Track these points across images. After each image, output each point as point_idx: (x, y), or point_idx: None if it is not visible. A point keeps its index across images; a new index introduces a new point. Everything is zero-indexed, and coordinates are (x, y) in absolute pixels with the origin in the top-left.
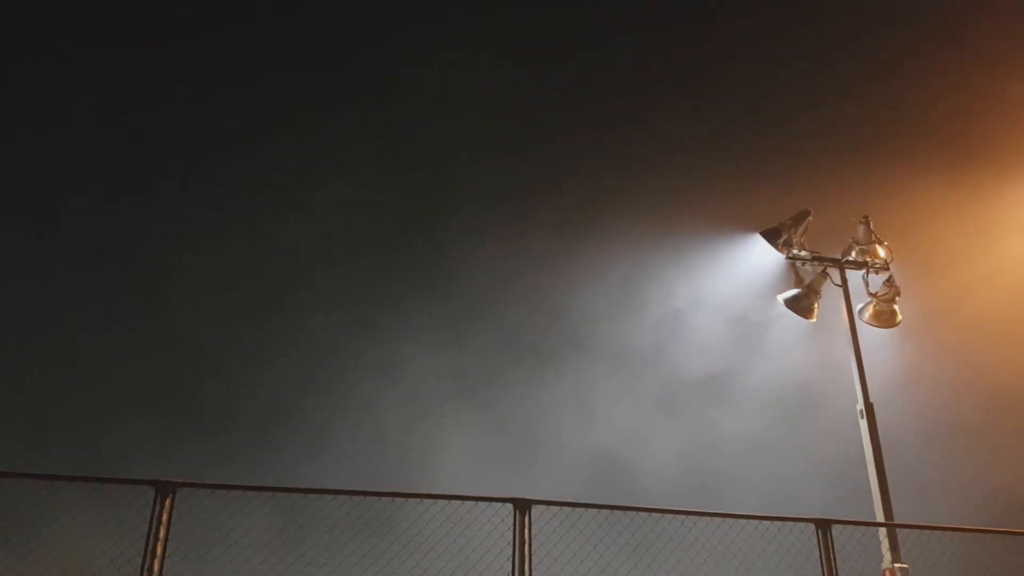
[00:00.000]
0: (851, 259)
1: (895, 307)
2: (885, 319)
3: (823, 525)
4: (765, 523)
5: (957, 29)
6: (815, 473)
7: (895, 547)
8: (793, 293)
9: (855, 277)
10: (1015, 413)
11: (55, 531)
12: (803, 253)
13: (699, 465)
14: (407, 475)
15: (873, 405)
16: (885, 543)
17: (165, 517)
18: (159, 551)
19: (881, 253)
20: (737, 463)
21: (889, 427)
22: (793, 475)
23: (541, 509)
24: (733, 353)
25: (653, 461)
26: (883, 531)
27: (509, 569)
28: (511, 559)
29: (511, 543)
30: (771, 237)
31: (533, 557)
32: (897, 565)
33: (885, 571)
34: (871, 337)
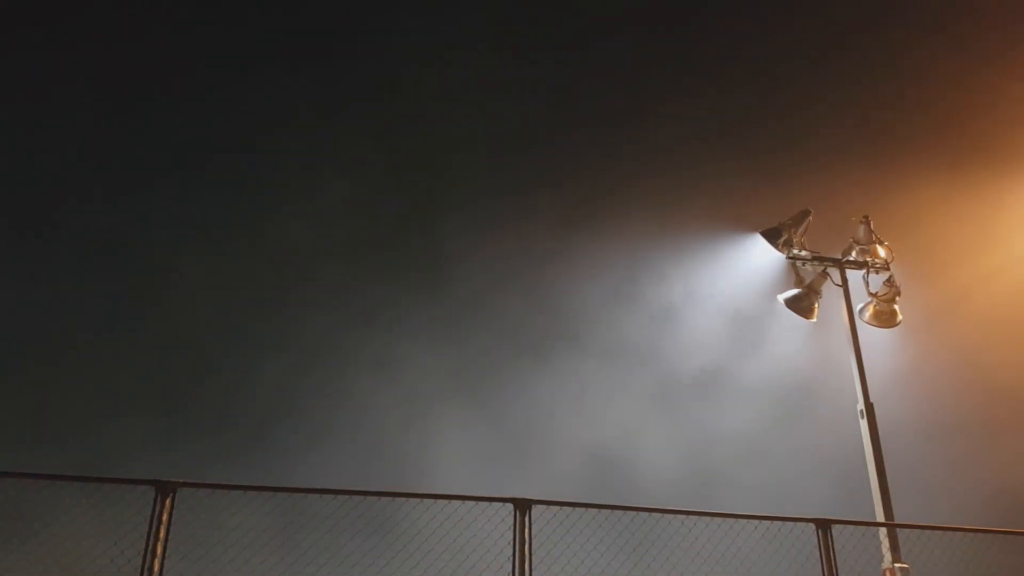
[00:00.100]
0: (851, 259)
1: (895, 307)
2: (885, 319)
3: (823, 525)
4: (765, 523)
5: (956, 26)
6: (815, 473)
7: (895, 547)
8: (793, 293)
9: (855, 277)
10: (1017, 413)
11: (55, 531)
12: (803, 253)
13: (699, 464)
14: (405, 473)
15: (873, 405)
16: (885, 543)
17: (165, 517)
18: (159, 551)
19: (881, 253)
20: (737, 463)
21: (890, 427)
22: (793, 475)
23: (541, 509)
24: (733, 353)
25: (653, 460)
26: (883, 531)
27: (509, 569)
28: (511, 559)
29: (511, 543)
30: (771, 237)
31: (533, 557)
32: (897, 565)
33: (885, 571)
34: (872, 337)
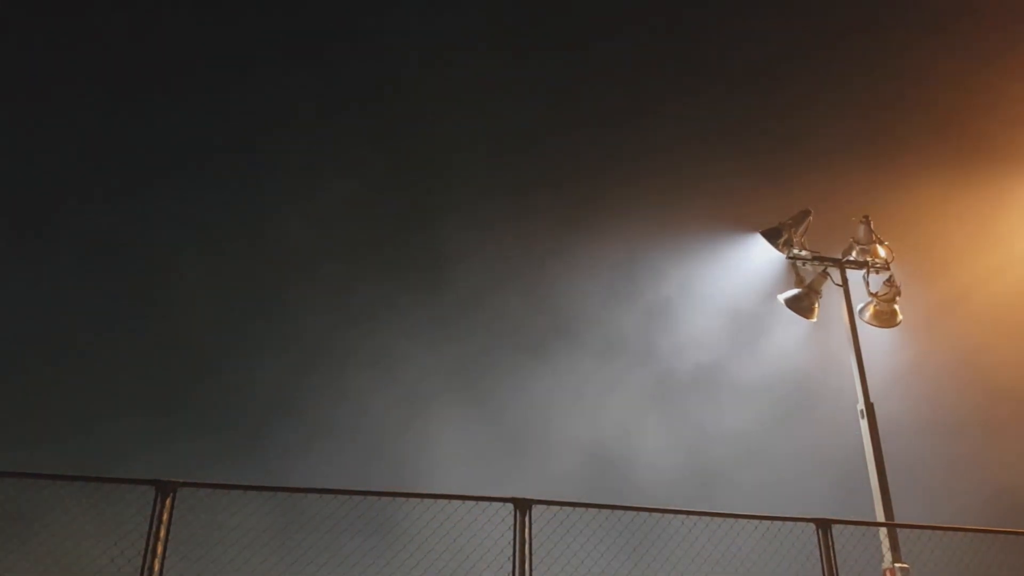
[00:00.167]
0: (852, 259)
1: (895, 307)
2: (886, 319)
3: (823, 525)
4: (765, 523)
5: (956, 26)
6: (815, 473)
7: (895, 547)
8: (793, 293)
9: (856, 277)
10: (1017, 413)
11: (55, 531)
12: (803, 253)
13: (699, 464)
14: (405, 471)
15: (873, 405)
16: (885, 543)
17: (166, 517)
18: (159, 551)
19: (881, 253)
20: (737, 462)
21: (890, 427)
22: (793, 475)
23: (541, 509)
24: (733, 353)
25: (652, 460)
26: (883, 531)
27: (509, 569)
28: (511, 559)
29: (511, 543)
30: (771, 237)
31: (533, 557)
32: (898, 565)
33: (885, 571)
34: (872, 337)
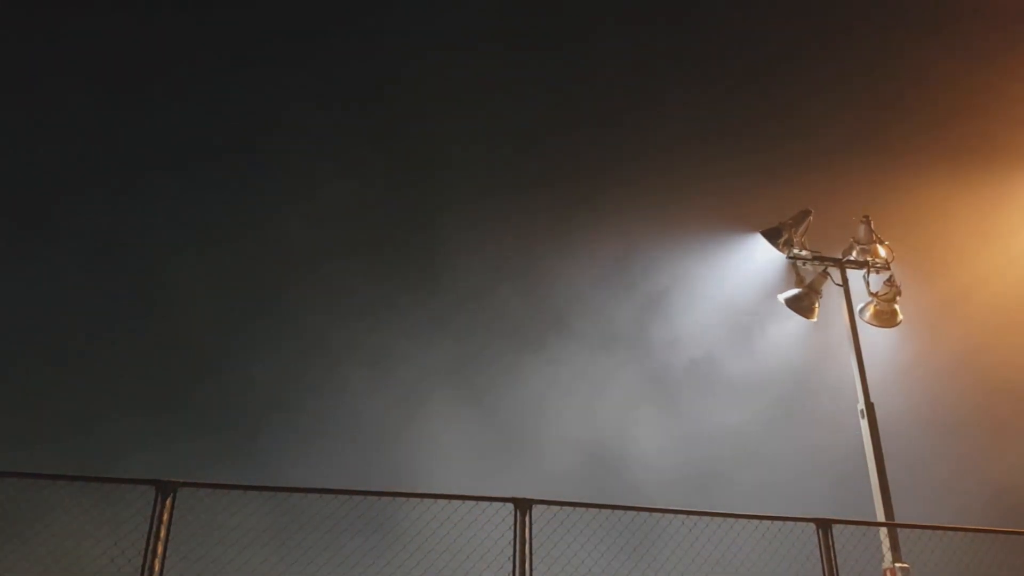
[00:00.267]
0: (852, 258)
1: (896, 307)
2: (886, 319)
3: (824, 525)
4: (765, 523)
5: (956, 26)
6: (816, 473)
7: (896, 547)
8: (794, 292)
9: (856, 276)
10: (1018, 413)
11: (55, 531)
12: (804, 252)
13: (699, 464)
14: (404, 470)
15: (874, 405)
16: (886, 543)
17: (166, 517)
18: (160, 551)
19: (882, 252)
20: (737, 462)
21: (890, 427)
22: (794, 475)
23: (541, 509)
24: (733, 352)
25: (652, 459)
26: (884, 531)
27: (509, 569)
28: (511, 559)
29: (511, 543)
30: (772, 237)
31: (533, 557)
32: (898, 565)
33: (886, 571)
34: (872, 336)
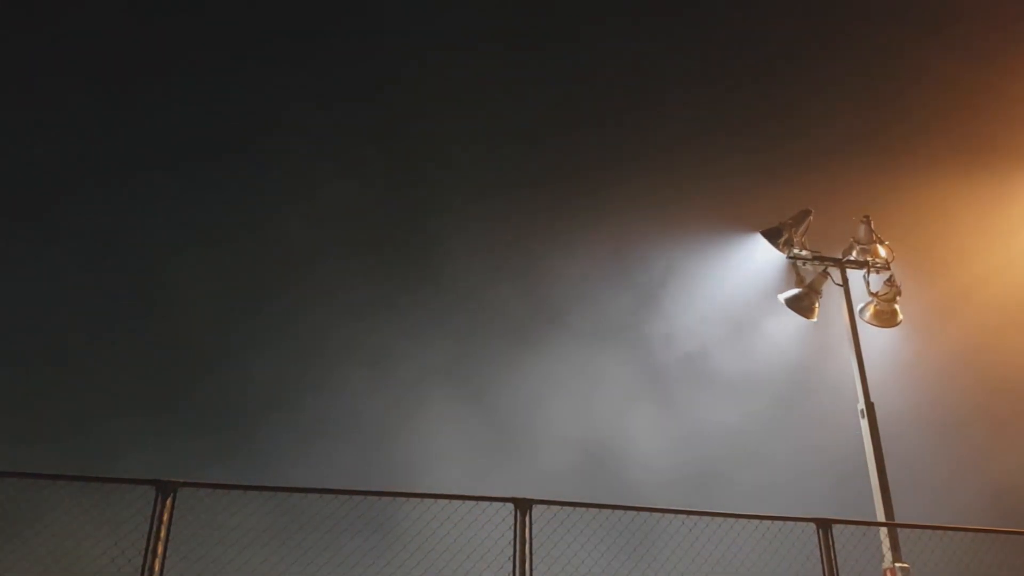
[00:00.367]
0: (852, 258)
1: (896, 306)
2: (886, 319)
3: (824, 525)
4: (765, 523)
5: (956, 26)
6: (816, 473)
7: (896, 547)
8: (794, 292)
9: (856, 276)
10: (1018, 412)
11: (55, 531)
12: (804, 252)
13: (698, 464)
14: (404, 469)
15: (874, 404)
16: (886, 543)
17: (166, 517)
18: (160, 551)
19: (882, 252)
20: (737, 462)
21: (891, 427)
22: (794, 475)
23: (541, 509)
24: (734, 352)
25: (651, 459)
26: (884, 531)
27: (509, 569)
28: (511, 559)
29: (511, 543)
30: (772, 236)
31: (533, 557)
32: (898, 565)
33: (886, 571)
34: (873, 336)
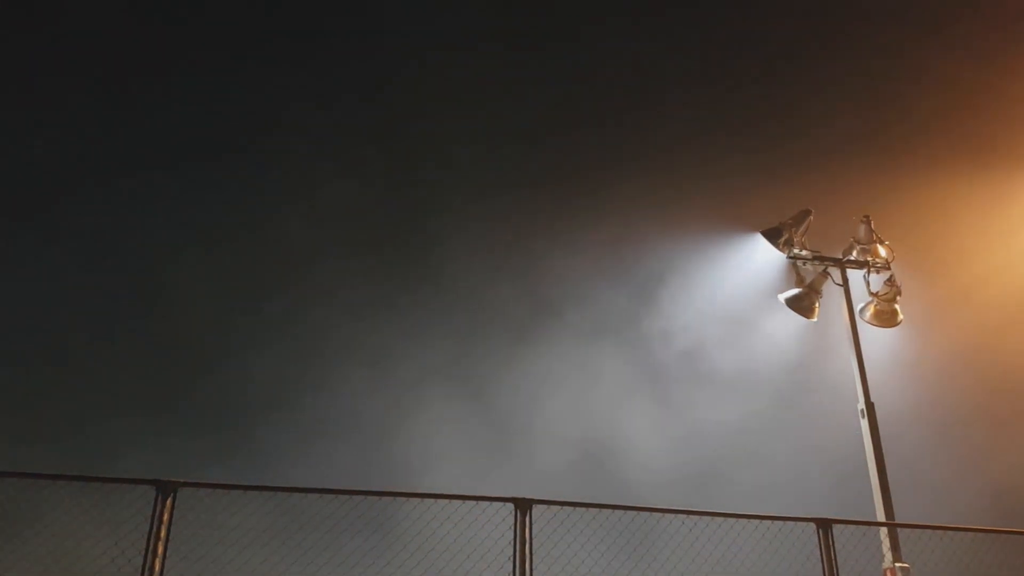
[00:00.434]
0: (852, 258)
1: (896, 306)
2: (886, 318)
3: (824, 525)
4: (765, 523)
5: (956, 26)
6: (816, 472)
7: (896, 547)
8: (794, 292)
9: (856, 276)
10: (1019, 412)
11: (55, 531)
12: (804, 252)
13: (698, 463)
14: (404, 468)
15: (874, 404)
16: (886, 543)
17: (166, 517)
18: (160, 551)
19: (882, 252)
20: (737, 462)
21: (891, 427)
22: (794, 474)
23: (541, 508)
24: (734, 353)
25: (651, 459)
26: (884, 530)
27: (509, 569)
28: (511, 559)
29: (511, 543)
30: (772, 236)
31: (534, 557)
32: (898, 565)
33: (886, 571)
34: (873, 336)
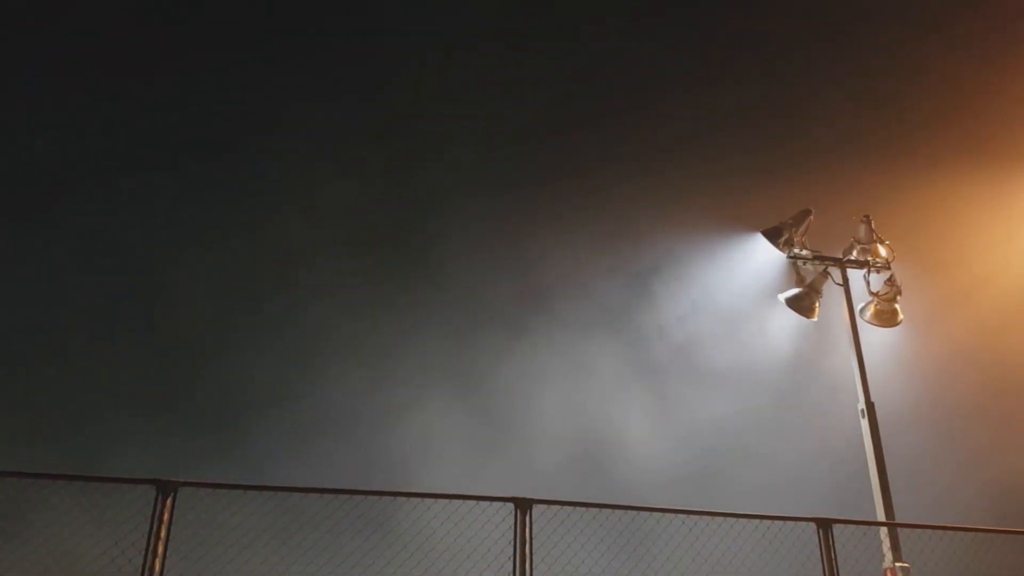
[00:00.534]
0: (852, 258)
1: (896, 306)
2: (886, 318)
3: (824, 524)
4: (765, 523)
5: (956, 26)
6: (817, 472)
7: (896, 546)
8: (794, 292)
9: (856, 276)
10: (1020, 412)
11: (55, 531)
12: (804, 252)
13: (698, 463)
14: (403, 468)
15: (874, 404)
16: (886, 542)
17: (166, 516)
18: (160, 550)
19: (882, 252)
20: (737, 462)
21: (891, 426)
22: (794, 474)
23: (541, 508)
24: (734, 353)
25: (651, 459)
26: (884, 530)
27: (509, 569)
28: (511, 559)
29: (511, 543)
30: (772, 236)
31: (534, 557)
32: (898, 564)
33: (886, 570)
34: (873, 336)
